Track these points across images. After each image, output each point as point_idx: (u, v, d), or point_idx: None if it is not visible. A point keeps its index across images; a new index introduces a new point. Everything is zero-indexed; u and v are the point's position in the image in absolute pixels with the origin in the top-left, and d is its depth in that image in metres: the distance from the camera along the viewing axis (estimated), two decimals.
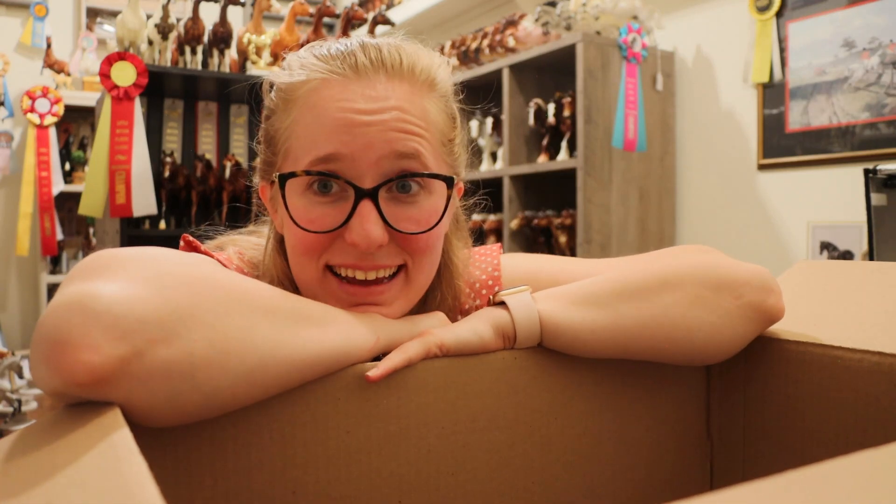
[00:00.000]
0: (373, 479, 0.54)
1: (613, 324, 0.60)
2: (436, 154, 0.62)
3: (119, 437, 0.36)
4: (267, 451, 0.50)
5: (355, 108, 0.58)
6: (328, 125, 0.58)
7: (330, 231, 0.58)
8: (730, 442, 0.71)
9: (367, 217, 0.57)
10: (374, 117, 0.58)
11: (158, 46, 2.58)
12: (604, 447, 0.65)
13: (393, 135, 0.58)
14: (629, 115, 2.38)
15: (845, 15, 2.15)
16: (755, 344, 0.67)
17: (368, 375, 0.53)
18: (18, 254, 3.74)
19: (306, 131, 0.60)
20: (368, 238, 0.57)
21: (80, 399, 0.42)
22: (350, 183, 0.58)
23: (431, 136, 0.61)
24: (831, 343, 0.63)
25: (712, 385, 0.72)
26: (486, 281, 0.75)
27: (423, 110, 0.61)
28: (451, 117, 0.66)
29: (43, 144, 3.77)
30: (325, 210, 0.59)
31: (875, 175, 1.55)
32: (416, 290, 0.64)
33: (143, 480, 0.30)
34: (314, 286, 0.61)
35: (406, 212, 0.60)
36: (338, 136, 0.58)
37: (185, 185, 2.60)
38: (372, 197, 0.58)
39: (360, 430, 0.53)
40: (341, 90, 0.59)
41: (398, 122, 0.58)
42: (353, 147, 0.57)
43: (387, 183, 0.58)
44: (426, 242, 0.61)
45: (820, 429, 0.63)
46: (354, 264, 0.59)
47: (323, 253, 0.60)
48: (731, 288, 0.62)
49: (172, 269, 0.45)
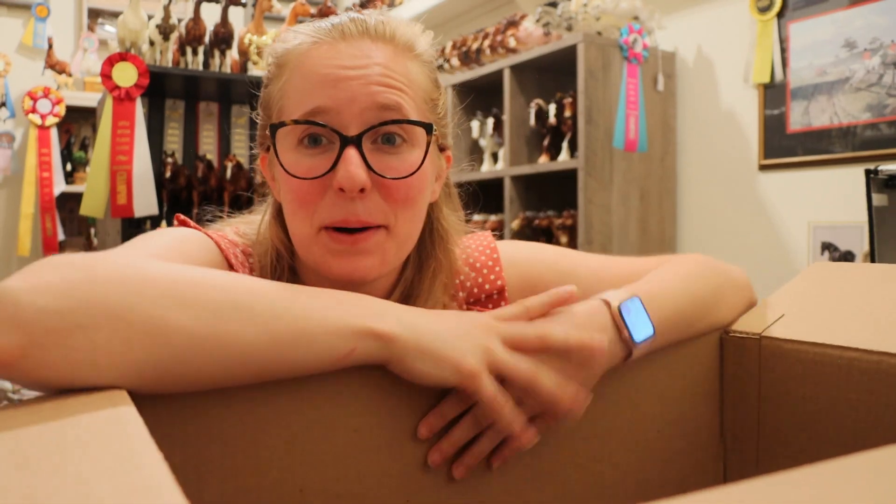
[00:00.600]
0: (381, 477, 0.54)
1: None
2: (419, 110, 0.66)
3: (133, 429, 0.37)
4: (275, 449, 0.50)
5: (340, 65, 0.63)
6: (316, 81, 0.63)
7: (318, 177, 0.62)
8: (743, 443, 0.70)
9: (351, 161, 0.60)
10: (357, 72, 0.62)
11: (160, 47, 2.58)
12: (615, 448, 0.65)
13: (375, 88, 0.62)
14: (630, 115, 2.38)
15: (846, 15, 2.15)
16: (770, 344, 0.67)
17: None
18: (20, 254, 3.74)
19: (296, 89, 0.64)
20: (352, 180, 0.60)
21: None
22: (335, 131, 0.61)
23: (414, 93, 0.65)
24: (848, 345, 0.62)
25: (726, 386, 0.72)
26: (486, 261, 0.77)
27: (406, 69, 0.65)
28: (434, 81, 0.70)
29: (44, 145, 3.77)
30: (315, 161, 0.62)
31: (876, 175, 1.56)
32: (402, 243, 0.66)
33: (162, 475, 0.30)
34: (309, 243, 0.64)
35: (389, 161, 0.63)
36: (324, 91, 0.62)
37: (187, 186, 2.61)
38: (356, 144, 0.61)
39: (368, 428, 0.53)
40: (328, 50, 0.64)
41: (381, 77, 0.63)
42: (339, 100, 0.62)
43: (370, 130, 0.62)
44: (407, 192, 0.64)
45: (835, 431, 0.62)
46: (343, 219, 0.62)
47: (316, 209, 0.62)
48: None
49: (92, 266, 0.45)
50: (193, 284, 0.47)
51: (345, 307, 0.51)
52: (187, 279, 0.48)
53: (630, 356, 0.62)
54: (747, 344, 0.70)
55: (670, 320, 0.65)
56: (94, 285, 0.44)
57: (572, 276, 0.76)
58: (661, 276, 0.70)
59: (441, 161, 0.72)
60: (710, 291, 0.71)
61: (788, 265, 2.32)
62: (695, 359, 0.70)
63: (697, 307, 0.69)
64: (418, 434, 0.55)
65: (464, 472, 0.56)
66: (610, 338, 0.60)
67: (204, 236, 0.66)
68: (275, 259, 0.69)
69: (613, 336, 0.60)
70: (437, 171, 0.71)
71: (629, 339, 0.60)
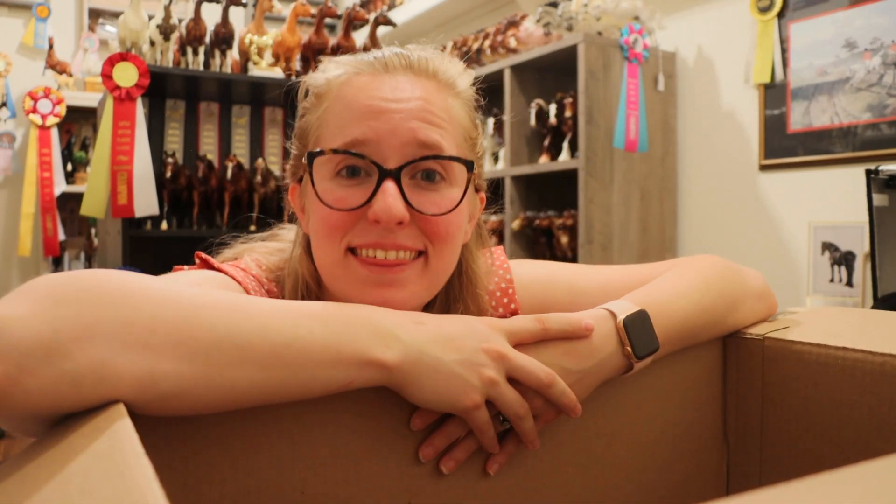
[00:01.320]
0: (382, 479, 0.54)
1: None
2: (458, 148, 0.65)
3: (124, 438, 0.37)
4: (275, 451, 0.50)
5: (382, 97, 0.62)
6: (356, 112, 0.62)
7: (354, 209, 0.60)
8: (747, 445, 0.70)
9: (389, 193, 0.59)
10: (399, 105, 0.61)
11: (160, 47, 2.58)
12: (617, 449, 0.65)
13: (416, 123, 0.61)
14: (630, 115, 2.38)
15: (847, 15, 2.15)
16: (773, 345, 0.66)
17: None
18: (20, 254, 3.74)
19: (336, 119, 0.63)
20: (389, 212, 0.58)
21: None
22: (374, 163, 0.60)
23: (454, 131, 0.64)
24: (852, 346, 0.62)
25: (729, 387, 0.71)
26: (500, 283, 0.76)
27: (447, 105, 0.65)
28: (473, 120, 0.69)
29: (45, 145, 3.77)
30: (351, 191, 0.61)
31: (877, 175, 1.56)
32: (434, 279, 0.64)
33: (149, 484, 0.30)
34: (336, 269, 0.62)
35: (428, 197, 0.62)
36: (365, 122, 0.61)
37: (187, 186, 2.61)
38: (395, 177, 0.60)
39: (369, 430, 0.53)
40: (370, 81, 0.63)
41: (422, 112, 0.62)
42: (379, 132, 0.60)
43: (410, 164, 0.60)
44: (446, 228, 0.62)
45: (839, 432, 0.62)
46: (376, 242, 0.60)
47: (345, 234, 0.61)
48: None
49: (75, 292, 0.43)
50: (185, 321, 0.44)
51: (349, 334, 0.50)
52: (182, 315, 0.45)
53: (630, 370, 0.61)
54: (751, 345, 0.70)
55: (678, 332, 0.65)
56: (87, 312, 0.42)
57: (585, 293, 0.76)
58: (672, 282, 0.68)
59: (476, 201, 0.71)
60: (722, 301, 0.69)
61: (789, 265, 2.32)
62: (698, 360, 0.70)
63: (707, 318, 0.67)
64: (411, 425, 0.54)
65: (453, 467, 0.56)
66: (612, 350, 0.59)
67: (227, 278, 0.63)
68: (304, 293, 0.67)
69: (615, 348, 0.59)
70: (471, 212, 0.70)
71: (631, 354, 0.60)
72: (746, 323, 0.72)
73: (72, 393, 0.41)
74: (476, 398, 0.52)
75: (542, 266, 0.80)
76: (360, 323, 0.51)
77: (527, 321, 0.57)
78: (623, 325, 0.60)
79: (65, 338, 0.41)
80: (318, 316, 0.50)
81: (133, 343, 0.42)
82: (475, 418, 0.53)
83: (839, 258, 2.17)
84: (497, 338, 0.55)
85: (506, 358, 0.54)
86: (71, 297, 0.42)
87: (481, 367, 0.53)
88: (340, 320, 0.50)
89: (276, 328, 0.47)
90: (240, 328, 0.46)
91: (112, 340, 0.42)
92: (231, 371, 0.45)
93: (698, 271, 0.71)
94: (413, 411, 0.55)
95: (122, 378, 0.42)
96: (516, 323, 0.57)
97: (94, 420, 0.40)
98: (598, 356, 0.58)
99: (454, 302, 0.70)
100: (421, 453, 0.55)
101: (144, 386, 0.42)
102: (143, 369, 0.42)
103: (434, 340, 0.52)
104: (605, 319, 0.60)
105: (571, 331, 0.58)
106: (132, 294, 0.44)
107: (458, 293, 0.70)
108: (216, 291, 0.49)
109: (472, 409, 0.52)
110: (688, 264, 0.73)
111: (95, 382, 0.41)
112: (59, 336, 0.41)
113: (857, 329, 0.69)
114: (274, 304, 0.50)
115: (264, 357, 0.46)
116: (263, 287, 0.67)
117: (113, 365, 0.42)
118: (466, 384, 0.52)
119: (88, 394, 0.41)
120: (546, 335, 0.57)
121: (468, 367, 0.52)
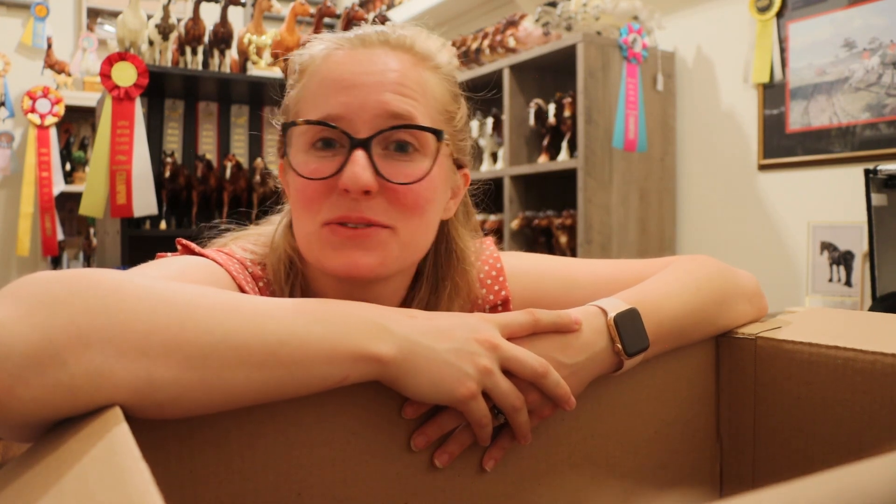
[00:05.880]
0: (379, 480, 0.54)
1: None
2: (432, 120, 0.65)
3: (120, 440, 0.36)
4: (272, 453, 0.50)
5: (355, 70, 0.63)
6: (330, 85, 0.63)
7: (326, 178, 0.61)
8: (740, 444, 0.70)
9: (357, 162, 0.60)
10: (372, 78, 0.62)
11: (159, 47, 2.58)
12: (611, 449, 0.65)
13: (389, 95, 0.62)
14: (629, 115, 2.38)
15: (846, 15, 2.15)
16: (766, 344, 0.66)
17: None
18: (19, 254, 3.74)
19: (312, 93, 0.65)
20: (357, 180, 0.59)
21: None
22: (345, 133, 0.61)
23: (427, 103, 0.65)
24: (843, 345, 0.62)
25: (722, 387, 0.72)
26: (490, 271, 0.76)
27: (421, 79, 0.65)
28: (452, 94, 0.69)
29: (43, 145, 3.77)
30: (324, 162, 0.62)
31: (875, 175, 1.56)
32: (405, 251, 0.64)
33: (147, 489, 0.30)
34: (311, 240, 0.63)
35: (398, 167, 0.62)
36: (338, 95, 0.62)
37: (186, 186, 2.61)
38: (364, 147, 0.61)
39: (365, 431, 0.53)
40: (346, 55, 0.64)
41: (394, 85, 0.63)
42: (351, 104, 0.62)
43: (379, 134, 0.61)
44: (414, 199, 0.62)
45: (832, 431, 0.62)
46: (344, 215, 0.61)
47: (321, 208, 0.62)
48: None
49: (66, 295, 0.41)
50: (180, 325, 0.44)
51: (343, 328, 0.50)
52: (178, 318, 0.44)
53: (621, 367, 0.61)
54: (743, 344, 0.70)
55: (668, 331, 0.65)
56: (78, 318, 0.41)
57: (576, 286, 0.76)
58: (664, 282, 0.69)
59: (457, 178, 0.71)
60: (713, 301, 0.69)
61: (788, 265, 2.32)
62: (691, 359, 0.70)
63: (697, 318, 0.68)
64: (403, 413, 0.54)
65: (447, 461, 0.55)
66: (602, 347, 0.59)
67: (210, 263, 0.64)
68: (287, 266, 0.68)
69: (606, 345, 0.60)
70: (453, 189, 0.70)
71: (621, 351, 0.60)
72: (738, 323, 0.72)
73: (67, 401, 0.40)
74: (472, 386, 0.52)
75: (532, 258, 0.80)
76: (353, 318, 0.51)
77: (518, 314, 0.57)
78: (613, 321, 0.60)
79: (59, 346, 0.40)
80: (313, 313, 0.50)
81: (128, 349, 0.42)
82: (472, 410, 0.53)
83: (838, 258, 2.17)
84: (489, 328, 0.55)
85: (499, 348, 0.54)
86: (62, 300, 0.41)
87: (475, 356, 0.52)
88: (334, 317, 0.50)
89: (271, 327, 0.47)
90: (235, 330, 0.46)
91: (107, 347, 0.41)
92: (228, 373, 0.45)
93: (690, 272, 0.71)
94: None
95: (118, 386, 0.41)
96: (508, 316, 0.57)
97: (91, 424, 0.40)
98: (589, 351, 0.58)
99: (442, 279, 0.71)
100: (413, 442, 0.55)
101: (141, 393, 0.42)
102: (139, 376, 0.42)
103: (426, 332, 0.52)
104: (596, 315, 0.61)
105: (561, 324, 0.58)
106: (125, 297, 0.43)
107: (447, 270, 0.71)
108: (209, 290, 0.49)
109: (469, 399, 0.52)
110: (680, 265, 0.73)
111: (92, 391, 0.41)
112: (52, 344, 0.40)
113: (849, 328, 0.69)
114: (268, 303, 0.49)
115: (261, 357, 0.46)
116: (248, 270, 0.67)
117: (109, 373, 0.41)
118: (461, 373, 0.52)
119: (84, 402, 0.41)
120: (537, 328, 0.57)
121: (462, 355, 0.52)
